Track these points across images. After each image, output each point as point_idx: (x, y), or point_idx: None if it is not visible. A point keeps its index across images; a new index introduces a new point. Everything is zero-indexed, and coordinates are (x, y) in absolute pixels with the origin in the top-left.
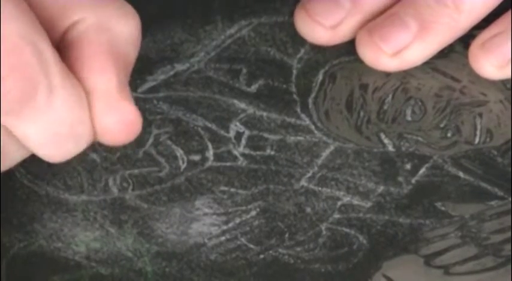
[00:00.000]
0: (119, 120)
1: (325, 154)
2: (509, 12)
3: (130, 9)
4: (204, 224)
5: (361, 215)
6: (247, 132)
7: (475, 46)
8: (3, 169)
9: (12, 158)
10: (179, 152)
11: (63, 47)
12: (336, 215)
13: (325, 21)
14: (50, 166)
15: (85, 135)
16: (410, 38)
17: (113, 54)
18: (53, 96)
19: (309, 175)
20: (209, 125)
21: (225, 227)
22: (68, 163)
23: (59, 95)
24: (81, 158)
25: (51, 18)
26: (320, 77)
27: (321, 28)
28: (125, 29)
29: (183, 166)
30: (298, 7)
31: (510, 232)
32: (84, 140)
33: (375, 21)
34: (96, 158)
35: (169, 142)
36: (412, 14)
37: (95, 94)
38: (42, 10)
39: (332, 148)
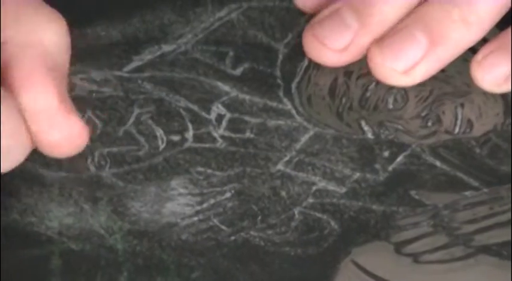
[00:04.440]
0: (65, 136)
1: (304, 138)
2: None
3: (54, 15)
4: (178, 204)
5: (335, 200)
6: (228, 115)
7: (473, 62)
8: None
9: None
10: (159, 132)
11: None
12: (310, 200)
13: (334, 44)
14: None
15: (23, 147)
16: (422, 54)
17: (48, 67)
18: None
19: (286, 159)
20: (191, 106)
21: (198, 208)
22: None
23: None
24: None
25: None
26: (305, 62)
27: (330, 51)
28: (54, 37)
29: (162, 146)
30: (305, 31)
31: (482, 223)
32: (23, 152)
33: (385, 37)
34: None
35: (150, 122)
36: (421, 29)
37: (38, 113)
38: None
39: (311, 133)
